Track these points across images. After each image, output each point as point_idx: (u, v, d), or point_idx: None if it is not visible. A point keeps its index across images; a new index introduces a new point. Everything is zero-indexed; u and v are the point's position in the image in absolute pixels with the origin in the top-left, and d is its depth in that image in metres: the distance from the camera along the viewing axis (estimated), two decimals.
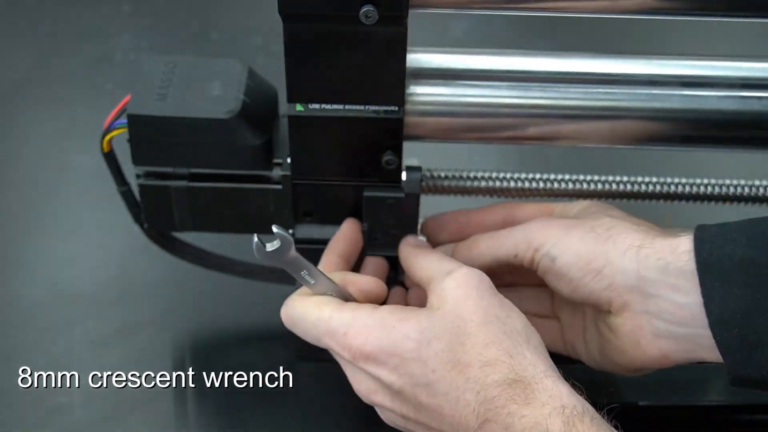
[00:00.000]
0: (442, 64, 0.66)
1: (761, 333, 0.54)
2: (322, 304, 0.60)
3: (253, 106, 0.65)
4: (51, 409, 0.73)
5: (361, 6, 0.57)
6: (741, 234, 0.56)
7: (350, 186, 0.68)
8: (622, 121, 0.65)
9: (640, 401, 0.71)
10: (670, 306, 0.57)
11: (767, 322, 0.54)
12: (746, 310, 0.55)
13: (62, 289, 0.81)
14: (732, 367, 0.56)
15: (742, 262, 0.55)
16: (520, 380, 0.53)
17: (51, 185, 0.89)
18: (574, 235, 0.60)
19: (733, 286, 0.55)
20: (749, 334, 0.55)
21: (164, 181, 0.68)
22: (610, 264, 0.59)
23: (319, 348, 0.75)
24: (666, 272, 0.57)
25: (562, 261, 0.60)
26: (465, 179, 0.71)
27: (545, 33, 1.04)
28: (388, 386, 0.57)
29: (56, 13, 1.06)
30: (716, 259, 0.56)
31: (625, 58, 0.66)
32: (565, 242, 0.61)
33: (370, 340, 0.56)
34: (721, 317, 0.55)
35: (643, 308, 0.58)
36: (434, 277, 0.59)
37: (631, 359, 0.60)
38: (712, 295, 0.56)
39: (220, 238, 0.74)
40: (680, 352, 0.58)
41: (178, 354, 0.77)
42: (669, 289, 0.57)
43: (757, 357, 0.55)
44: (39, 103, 0.97)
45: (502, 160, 0.92)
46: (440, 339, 0.55)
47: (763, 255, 0.55)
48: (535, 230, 0.62)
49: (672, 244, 0.58)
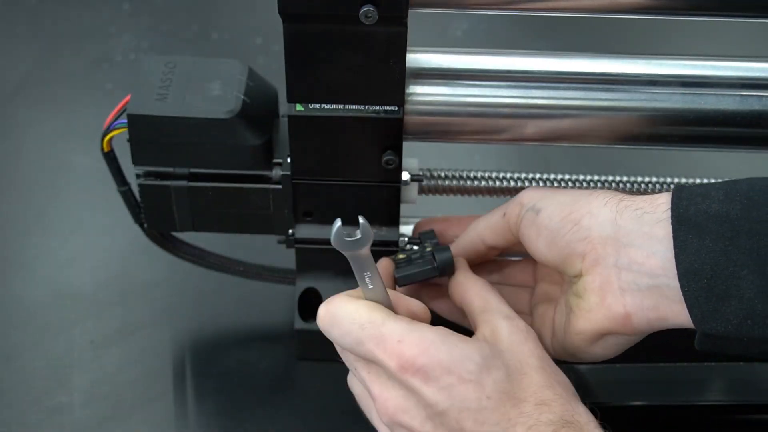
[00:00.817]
0: (442, 64, 0.66)
1: (729, 284, 0.54)
2: (375, 308, 0.58)
3: (253, 106, 0.65)
4: (51, 409, 0.73)
5: (361, 6, 0.57)
6: (719, 191, 0.56)
7: (350, 186, 0.68)
8: (622, 121, 0.65)
9: (639, 401, 0.71)
10: (640, 256, 0.57)
11: (736, 273, 0.54)
12: (716, 262, 0.54)
13: (62, 289, 0.81)
14: (698, 320, 0.56)
15: (718, 215, 0.55)
16: (573, 423, 0.55)
17: (51, 185, 0.89)
18: (561, 193, 0.62)
19: (707, 238, 0.55)
20: (717, 285, 0.55)
21: (164, 181, 0.68)
22: (590, 214, 0.59)
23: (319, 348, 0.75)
24: (641, 222, 0.57)
25: (545, 212, 0.61)
26: (465, 179, 0.71)
27: (545, 33, 1.04)
28: (428, 406, 0.55)
29: (56, 13, 1.06)
30: (692, 214, 0.56)
31: (625, 58, 0.66)
32: (550, 197, 0.62)
33: (429, 353, 0.55)
34: (690, 267, 0.55)
35: (613, 261, 0.58)
36: (491, 312, 0.60)
37: (594, 320, 0.59)
38: (685, 247, 0.55)
39: (220, 238, 0.74)
40: (644, 309, 0.58)
41: (178, 354, 0.77)
42: (642, 238, 0.57)
43: (723, 309, 0.55)
44: (39, 103, 0.97)
45: (502, 160, 0.92)
46: (501, 369, 0.55)
47: (739, 209, 0.55)
48: (524, 191, 0.64)
49: (652, 198, 0.58)
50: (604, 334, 0.60)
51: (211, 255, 0.75)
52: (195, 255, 0.75)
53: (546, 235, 0.61)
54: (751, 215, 0.55)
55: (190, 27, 1.05)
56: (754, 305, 0.54)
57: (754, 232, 0.54)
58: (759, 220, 0.54)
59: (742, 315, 0.54)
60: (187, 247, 0.75)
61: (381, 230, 0.71)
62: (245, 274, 0.76)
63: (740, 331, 0.55)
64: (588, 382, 0.72)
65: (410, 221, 0.75)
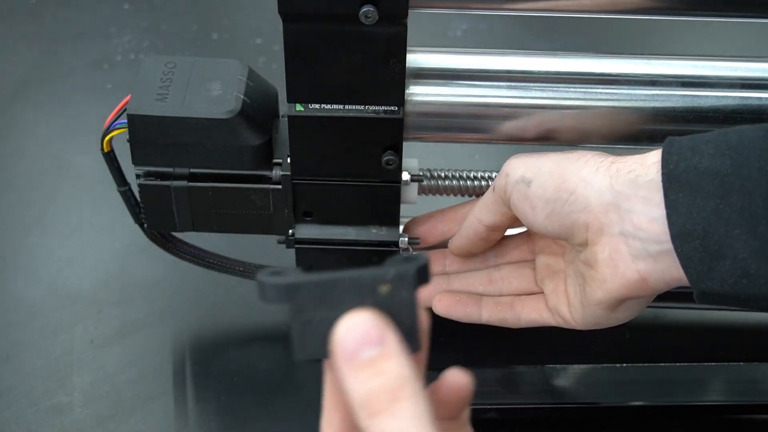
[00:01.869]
0: (442, 64, 0.66)
1: (722, 243, 0.54)
2: None
3: (253, 106, 0.65)
4: (51, 409, 0.73)
5: (361, 6, 0.57)
6: (709, 145, 0.55)
7: (350, 186, 0.68)
8: (622, 121, 0.65)
9: (639, 401, 0.71)
10: (643, 221, 0.56)
11: (729, 233, 0.53)
12: (708, 221, 0.54)
13: (62, 289, 0.81)
14: (694, 280, 0.55)
15: (708, 172, 0.54)
16: None
17: (51, 185, 0.89)
18: (547, 158, 0.61)
19: (697, 197, 0.54)
20: (711, 245, 0.54)
21: (164, 181, 0.68)
22: (584, 182, 0.58)
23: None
24: (636, 185, 0.57)
25: (536, 183, 0.60)
26: (465, 179, 0.71)
27: (545, 33, 1.04)
28: None
29: (56, 13, 1.06)
30: (682, 171, 0.55)
31: (625, 58, 0.66)
32: (537, 165, 0.61)
33: None
34: (683, 228, 0.55)
35: (618, 229, 0.57)
36: None
37: (613, 289, 0.59)
38: (676, 206, 0.55)
39: (220, 238, 0.74)
40: (657, 272, 0.57)
41: (178, 354, 0.77)
42: (641, 203, 0.56)
43: (718, 268, 0.54)
44: (39, 103, 0.97)
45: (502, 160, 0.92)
46: None
47: (729, 164, 0.54)
48: (509, 161, 0.63)
49: (642, 158, 0.57)
50: (623, 300, 0.59)
51: (211, 255, 0.75)
52: (195, 255, 0.75)
53: (542, 207, 0.60)
54: (742, 172, 0.54)
55: (190, 27, 1.05)
56: (748, 264, 0.53)
57: (745, 190, 0.53)
58: (749, 176, 0.53)
59: (737, 274, 0.54)
60: (187, 247, 0.75)
61: (381, 230, 0.71)
62: (245, 274, 0.76)
63: (736, 290, 0.54)
64: (588, 382, 0.72)
65: None
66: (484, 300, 0.68)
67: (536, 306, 0.67)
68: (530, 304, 0.67)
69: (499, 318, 0.68)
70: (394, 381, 0.41)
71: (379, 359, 0.41)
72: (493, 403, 0.70)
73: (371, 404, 0.41)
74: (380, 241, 0.71)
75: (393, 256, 0.44)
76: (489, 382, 0.72)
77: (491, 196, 0.65)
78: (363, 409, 0.41)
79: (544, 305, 0.66)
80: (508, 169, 0.63)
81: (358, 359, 0.41)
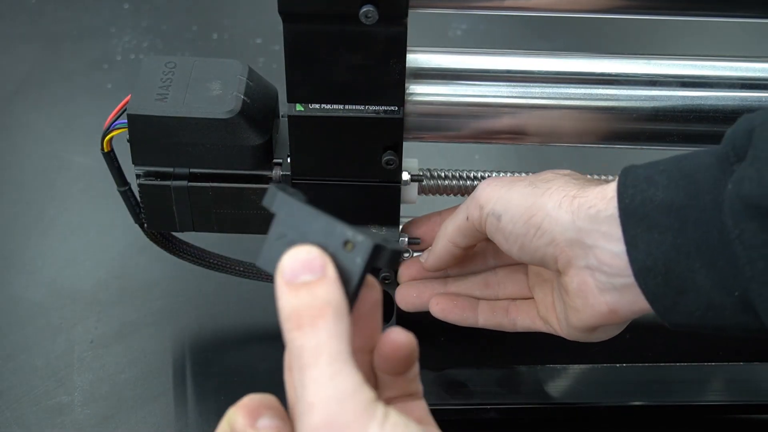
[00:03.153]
0: (442, 64, 0.66)
1: (684, 278, 0.54)
2: None
3: (253, 106, 0.65)
4: (51, 409, 0.73)
5: (361, 6, 0.57)
6: (663, 175, 0.55)
7: (350, 186, 0.68)
8: (622, 121, 0.65)
9: (640, 401, 0.71)
10: (606, 257, 0.56)
11: (689, 267, 0.53)
12: (668, 256, 0.54)
13: (62, 289, 0.81)
14: (662, 314, 0.55)
15: (663, 204, 0.54)
16: None
17: (51, 185, 0.89)
18: (515, 191, 0.60)
19: (655, 231, 0.54)
20: (672, 279, 0.54)
21: (164, 181, 0.68)
22: (548, 217, 0.58)
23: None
24: (597, 221, 0.56)
25: (506, 217, 0.60)
26: (465, 179, 0.71)
27: (545, 33, 1.04)
28: None
29: (56, 13, 1.06)
30: (638, 204, 0.55)
31: (625, 58, 0.66)
32: (506, 198, 0.60)
33: None
34: (644, 265, 0.54)
35: (584, 263, 0.57)
36: None
37: (585, 318, 0.59)
38: (635, 243, 0.55)
39: (220, 238, 0.74)
40: (626, 304, 0.57)
41: (178, 354, 0.77)
42: (602, 239, 0.56)
43: (683, 302, 0.54)
44: (39, 103, 0.97)
45: (502, 160, 0.92)
46: None
47: (683, 195, 0.54)
48: (481, 189, 0.62)
49: (602, 191, 0.57)
50: (597, 327, 0.60)
51: (211, 255, 0.75)
52: (195, 255, 0.75)
53: (513, 240, 0.60)
54: (696, 202, 0.53)
55: (190, 27, 1.05)
56: (712, 298, 0.53)
57: (700, 222, 0.53)
58: (703, 207, 0.53)
59: (702, 307, 0.54)
60: (187, 247, 0.75)
61: (381, 230, 0.71)
62: (245, 274, 0.76)
63: (704, 322, 0.54)
64: (588, 382, 0.72)
65: None
66: (481, 304, 0.68)
67: (530, 312, 0.67)
68: (524, 309, 0.67)
69: (495, 323, 0.68)
70: (321, 302, 0.44)
71: (313, 284, 0.45)
72: (493, 403, 0.70)
73: (297, 318, 0.45)
74: None
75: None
76: (489, 382, 0.72)
77: (466, 224, 0.64)
78: (288, 321, 0.45)
79: (536, 312, 0.67)
80: (481, 200, 0.62)
81: (296, 281, 0.45)
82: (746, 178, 0.51)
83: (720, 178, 0.53)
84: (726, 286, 0.53)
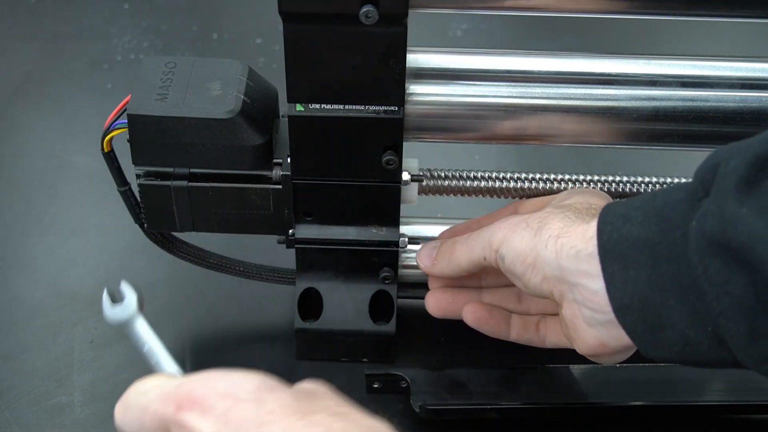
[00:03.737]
0: (442, 64, 0.66)
1: (660, 314, 0.54)
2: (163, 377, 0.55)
3: (253, 106, 0.65)
4: (51, 409, 0.73)
5: (361, 6, 0.57)
6: (638, 212, 0.56)
7: (350, 186, 0.68)
8: (622, 121, 0.65)
9: (640, 401, 0.71)
10: (588, 294, 0.57)
11: (664, 303, 0.54)
12: (644, 293, 0.54)
13: (62, 289, 0.81)
14: (643, 350, 0.56)
15: (638, 241, 0.55)
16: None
17: (51, 185, 0.89)
18: (516, 233, 0.62)
19: (630, 268, 0.55)
20: (649, 316, 0.55)
21: (164, 181, 0.68)
22: (539, 257, 0.60)
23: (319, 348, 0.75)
24: (578, 260, 0.57)
25: (508, 259, 0.62)
26: (465, 179, 0.71)
27: (545, 33, 1.04)
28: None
29: (56, 13, 1.06)
30: (615, 241, 0.55)
31: (625, 58, 0.66)
32: (509, 241, 0.62)
33: (206, 385, 0.49)
34: (622, 302, 0.55)
35: (572, 297, 0.59)
36: None
37: (580, 348, 0.61)
38: (613, 280, 0.55)
39: (220, 238, 0.74)
40: (612, 338, 0.58)
41: (179, 354, 0.77)
42: (583, 277, 0.57)
43: (662, 338, 0.55)
44: (39, 103, 0.97)
45: (502, 160, 0.92)
46: (285, 392, 0.50)
47: (656, 231, 0.54)
48: (493, 232, 0.64)
49: (584, 230, 0.58)
50: (592, 356, 0.61)
51: (211, 255, 0.75)
52: (195, 255, 0.75)
53: (518, 278, 0.62)
54: (668, 238, 0.54)
55: (190, 27, 1.05)
56: (687, 333, 0.54)
57: (672, 258, 0.54)
58: (674, 243, 0.53)
59: (680, 342, 0.54)
60: (187, 247, 0.75)
61: (381, 230, 0.71)
62: (245, 274, 0.76)
63: (683, 357, 0.55)
64: (588, 382, 0.72)
65: (410, 221, 0.75)
66: (513, 318, 0.70)
67: (558, 329, 0.67)
68: (553, 326, 0.68)
69: (526, 338, 0.69)
70: None
71: None
72: (493, 403, 0.70)
73: None
74: (380, 241, 0.71)
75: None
76: (489, 382, 0.72)
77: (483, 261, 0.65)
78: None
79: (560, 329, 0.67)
80: (494, 244, 0.63)
81: None
82: (708, 214, 0.52)
83: (688, 214, 0.54)
84: (700, 322, 0.53)
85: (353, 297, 0.73)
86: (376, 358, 0.75)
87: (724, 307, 0.51)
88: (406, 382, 0.71)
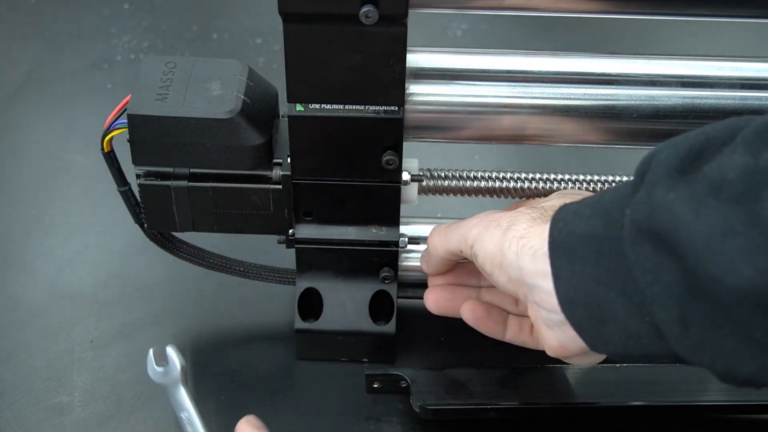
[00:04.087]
0: (442, 64, 0.66)
1: (604, 308, 0.54)
2: None
3: (253, 105, 0.65)
4: (51, 409, 0.73)
5: (361, 6, 0.57)
6: (588, 208, 0.55)
7: (350, 186, 0.68)
8: (622, 121, 0.65)
9: (640, 401, 0.71)
10: (543, 295, 0.57)
11: (606, 296, 0.53)
12: (588, 287, 0.54)
13: (62, 289, 0.81)
14: (591, 346, 0.56)
15: (584, 235, 0.54)
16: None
17: (51, 185, 0.89)
18: (488, 231, 0.62)
19: (576, 262, 0.54)
20: (594, 310, 0.54)
21: (164, 181, 0.68)
22: (504, 258, 0.60)
23: (319, 348, 0.75)
24: (535, 260, 0.57)
25: (479, 258, 0.62)
26: (465, 179, 0.71)
27: (545, 33, 1.04)
28: None
29: (56, 13, 1.06)
30: (564, 236, 0.55)
31: (625, 58, 0.66)
32: (482, 239, 0.62)
33: None
34: (568, 296, 0.55)
35: (531, 299, 0.59)
36: None
37: (546, 349, 0.61)
38: (560, 274, 0.55)
39: (220, 238, 0.74)
40: (569, 339, 0.57)
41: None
42: (539, 277, 0.57)
43: (606, 332, 0.54)
44: (39, 103, 0.97)
45: (502, 160, 0.92)
46: None
47: (601, 226, 0.54)
48: (469, 227, 0.64)
49: (543, 229, 0.58)
50: (561, 357, 0.61)
51: (211, 255, 0.75)
52: (195, 255, 0.75)
53: (489, 275, 0.62)
54: (610, 233, 0.54)
55: (190, 27, 1.05)
56: (628, 326, 0.53)
57: (614, 252, 0.53)
58: (616, 237, 0.53)
59: (623, 336, 0.54)
60: (187, 247, 0.75)
61: (381, 230, 0.71)
62: (245, 274, 0.76)
63: (628, 351, 0.55)
64: (588, 382, 0.72)
65: (410, 221, 0.75)
66: (510, 319, 0.69)
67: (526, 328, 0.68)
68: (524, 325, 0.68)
69: (521, 340, 0.69)
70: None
71: None
72: (493, 403, 0.70)
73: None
74: (380, 241, 0.71)
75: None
76: (489, 382, 0.72)
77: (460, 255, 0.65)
78: None
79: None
80: (469, 240, 0.63)
81: None
82: (639, 202, 0.51)
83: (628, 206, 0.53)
84: (638, 313, 0.53)
85: (353, 297, 0.73)
86: (376, 358, 0.75)
87: (656, 295, 0.51)
88: (406, 382, 0.71)
